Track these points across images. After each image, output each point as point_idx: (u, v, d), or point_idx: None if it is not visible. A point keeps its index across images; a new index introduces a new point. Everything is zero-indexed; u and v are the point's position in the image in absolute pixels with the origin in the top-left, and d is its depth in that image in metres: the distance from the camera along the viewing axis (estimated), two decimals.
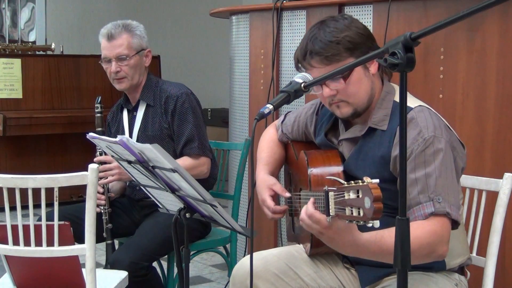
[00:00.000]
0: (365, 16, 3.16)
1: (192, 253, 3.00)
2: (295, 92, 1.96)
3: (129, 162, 2.10)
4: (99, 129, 3.08)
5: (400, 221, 1.44)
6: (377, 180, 1.56)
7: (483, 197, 2.23)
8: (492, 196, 2.20)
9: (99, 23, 9.37)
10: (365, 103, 2.06)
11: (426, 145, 1.91)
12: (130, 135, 3.11)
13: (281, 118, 2.49)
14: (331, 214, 1.70)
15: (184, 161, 2.98)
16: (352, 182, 1.62)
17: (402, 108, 1.44)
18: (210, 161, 3.06)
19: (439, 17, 2.84)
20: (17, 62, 5.85)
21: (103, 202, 2.97)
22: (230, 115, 4.10)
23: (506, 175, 2.15)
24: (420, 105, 2.01)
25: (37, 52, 6.41)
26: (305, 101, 3.45)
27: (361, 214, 1.56)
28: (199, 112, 3.08)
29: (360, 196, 1.57)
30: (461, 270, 2.11)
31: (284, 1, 3.53)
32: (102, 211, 2.97)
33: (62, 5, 8.10)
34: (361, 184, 1.58)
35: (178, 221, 2.13)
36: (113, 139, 2.03)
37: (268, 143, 2.48)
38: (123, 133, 3.15)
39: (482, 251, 2.21)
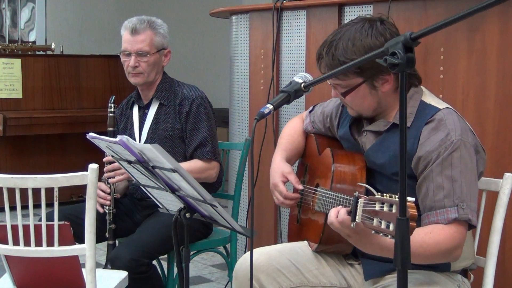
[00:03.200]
0: None
1: (192, 253, 3.00)
2: (295, 92, 1.97)
3: (129, 162, 2.10)
4: (111, 129, 3.04)
5: (400, 221, 1.44)
6: (413, 199, 1.56)
7: (483, 197, 2.23)
8: (492, 196, 2.20)
9: (99, 23, 9.37)
10: (370, 113, 2.12)
11: (454, 148, 1.93)
12: (140, 133, 3.10)
13: (310, 108, 2.51)
14: (356, 220, 1.73)
15: (195, 164, 2.98)
16: (386, 195, 1.63)
17: (402, 107, 1.44)
18: (219, 166, 3.06)
19: (439, 17, 2.84)
20: (17, 62, 5.85)
21: (108, 202, 2.95)
22: (230, 115, 4.10)
23: (506, 175, 2.15)
24: (447, 107, 2.03)
25: (37, 52, 6.42)
26: (305, 101, 3.46)
27: (390, 228, 1.57)
28: (212, 116, 3.09)
29: (394, 211, 1.57)
30: (464, 272, 2.13)
31: (284, 1, 3.53)
32: (107, 211, 2.95)
33: (62, 5, 8.10)
34: (397, 199, 1.58)
35: (179, 221, 2.13)
36: (113, 139, 2.03)
37: (290, 130, 2.50)
38: (132, 129, 3.13)
39: (482, 251, 2.21)
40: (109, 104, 3.06)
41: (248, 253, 2.21)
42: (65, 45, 6.65)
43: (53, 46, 6.34)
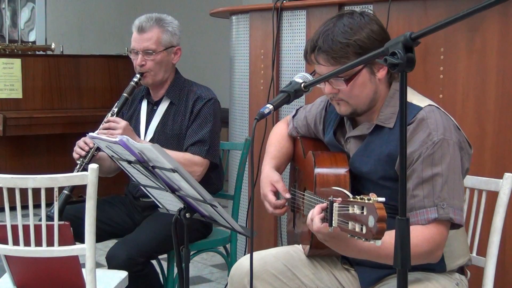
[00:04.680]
0: None
1: (192, 253, 3.00)
2: (295, 92, 1.96)
3: (129, 162, 2.10)
4: (125, 95, 3.00)
5: (400, 221, 1.44)
6: (383, 199, 1.56)
7: (483, 197, 2.23)
8: (492, 196, 2.20)
9: (99, 23, 9.36)
10: (366, 106, 2.07)
11: (435, 148, 1.91)
12: (147, 128, 3.07)
13: (293, 113, 2.49)
14: (333, 225, 1.72)
15: (184, 155, 2.93)
16: (358, 197, 1.63)
17: (402, 107, 1.44)
18: (208, 166, 2.99)
19: (439, 17, 2.84)
20: (17, 62, 5.85)
21: (83, 153, 2.85)
22: (230, 115, 4.10)
23: (506, 175, 2.15)
24: (429, 105, 2.01)
25: (37, 52, 6.41)
26: (305, 101, 3.46)
27: (364, 231, 1.57)
28: (219, 120, 3.06)
29: (365, 213, 1.58)
30: (461, 269, 2.12)
31: (284, 1, 3.53)
32: (79, 163, 2.85)
33: (62, 5, 8.10)
34: (366, 201, 1.58)
35: (178, 221, 2.13)
36: (113, 139, 2.03)
37: (277, 137, 2.48)
38: (138, 124, 3.10)
39: (482, 251, 2.21)
40: (136, 74, 3.00)
41: (243, 257, 2.21)
42: (65, 45, 6.64)
43: (53, 46, 6.34)
